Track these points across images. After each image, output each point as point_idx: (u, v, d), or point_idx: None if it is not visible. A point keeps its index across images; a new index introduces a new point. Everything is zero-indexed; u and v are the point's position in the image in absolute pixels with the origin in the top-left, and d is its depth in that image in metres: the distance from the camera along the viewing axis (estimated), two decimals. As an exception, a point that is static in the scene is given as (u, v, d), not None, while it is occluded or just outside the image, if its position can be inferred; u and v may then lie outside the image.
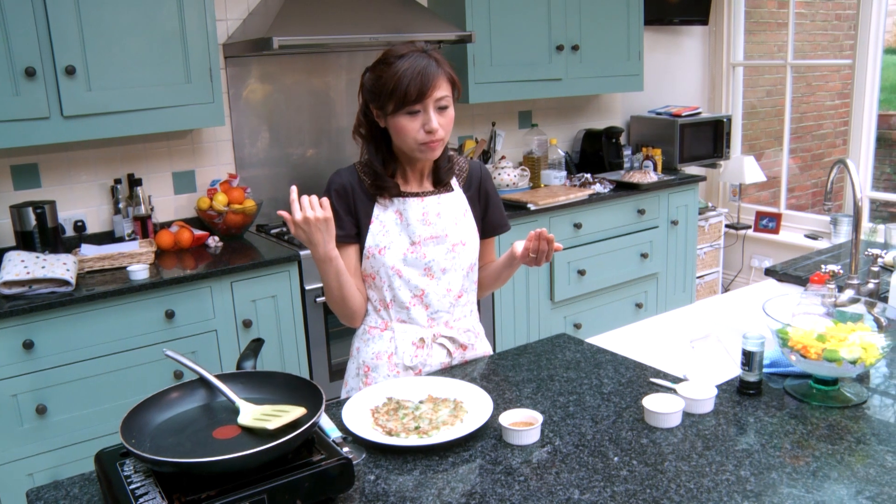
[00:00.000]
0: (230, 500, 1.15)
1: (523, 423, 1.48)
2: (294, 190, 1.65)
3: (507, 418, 1.49)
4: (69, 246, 2.92)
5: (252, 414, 1.32)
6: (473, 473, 1.36)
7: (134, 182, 3.06)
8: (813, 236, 4.60)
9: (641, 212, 4.01)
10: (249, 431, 1.29)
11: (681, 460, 1.37)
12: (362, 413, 1.57)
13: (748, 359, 1.61)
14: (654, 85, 4.70)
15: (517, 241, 1.82)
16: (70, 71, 2.63)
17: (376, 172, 1.77)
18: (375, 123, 1.75)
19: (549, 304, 3.80)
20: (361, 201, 1.78)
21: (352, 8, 3.19)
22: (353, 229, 1.79)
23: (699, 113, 4.49)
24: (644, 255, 4.05)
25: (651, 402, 1.52)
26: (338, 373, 3.16)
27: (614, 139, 4.32)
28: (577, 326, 3.91)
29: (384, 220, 1.79)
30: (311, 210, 1.60)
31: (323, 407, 1.28)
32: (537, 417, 1.49)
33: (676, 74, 4.84)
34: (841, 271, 1.79)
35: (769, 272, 2.48)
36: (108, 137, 2.81)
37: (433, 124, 1.68)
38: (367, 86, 1.72)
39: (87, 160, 3.05)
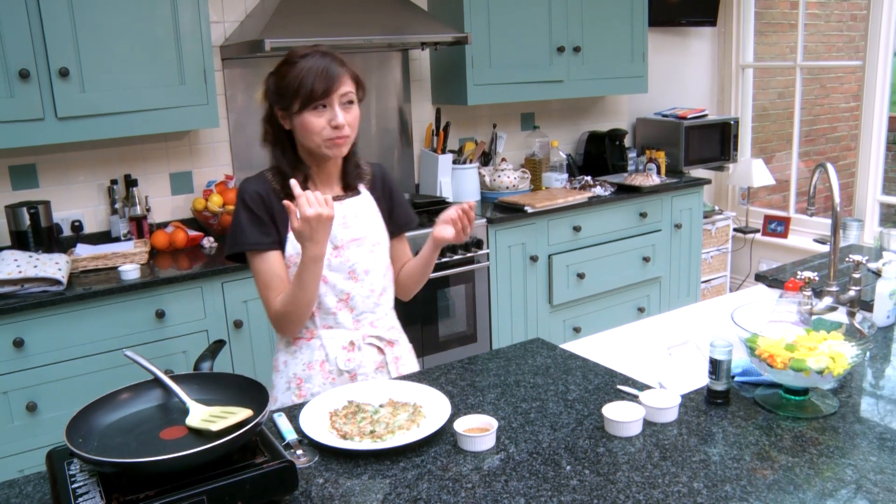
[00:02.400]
0: (168, 500, 1.15)
1: (479, 430, 1.47)
2: (295, 185, 1.62)
3: (463, 424, 1.48)
4: (65, 245, 2.96)
5: (200, 415, 1.33)
6: (422, 479, 1.35)
7: (130, 183, 3.08)
8: (822, 241, 4.52)
9: (643, 215, 3.96)
10: (196, 432, 1.30)
11: (634, 470, 1.35)
12: (321, 416, 1.57)
13: (715, 367, 1.58)
14: (661, 87, 4.65)
15: (437, 227, 1.81)
16: (64, 73, 2.66)
17: (287, 178, 1.71)
18: (281, 127, 1.73)
19: (548, 307, 3.78)
20: (278, 209, 1.74)
21: (346, 10, 3.19)
22: (277, 235, 1.75)
23: (706, 115, 4.43)
24: (646, 259, 4.01)
25: (611, 410, 1.50)
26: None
27: (618, 141, 4.28)
28: (577, 330, 3.88)
29: None
30: (320, 206, 1.59)
31: (266, 410, 1.28)
32: (492, 424, 1.47)
33: (684, 76, 4.79)
34: (817, 278, 1.75)
35: (759, 277, 2.44)
36: (104, 138, 2.84)
37: (339, 119, 1.68)
38: (271, 89, 1.71)
39: (84, 161, 3.08)
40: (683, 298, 4.25)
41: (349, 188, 1.84)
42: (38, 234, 2.79)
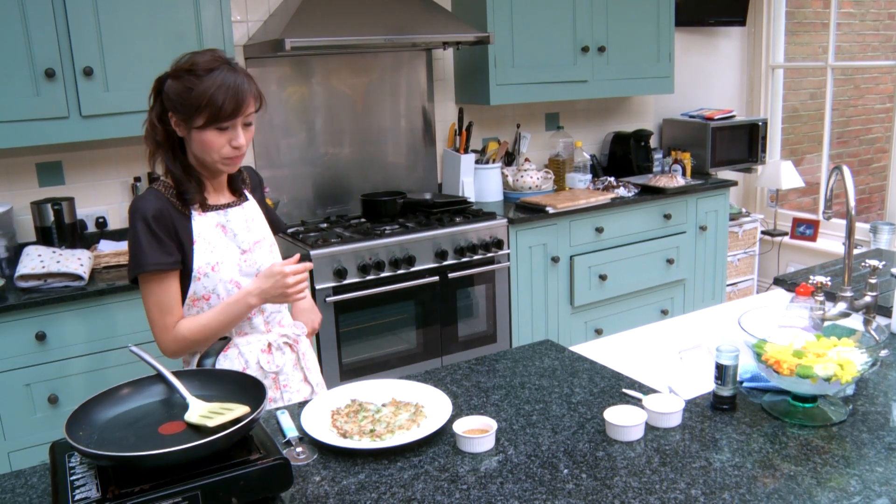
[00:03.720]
0: (163, 494, 1.17)
1: (478, 431, 1.46)
2: (304, 264, 1.74)
3: (462, 425, 1.47)
4: (89, 241, 3.01)
5: (199, 411, 1.34)
6: (418, 480, 1.35)
7: (153, 180, 3.12)
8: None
9: (667, 217, 3.92)
10: (194, 428, 1.31)
11: (632, 476, 1.33)
12: (323, 414, 1.58)
13: (721, 372, 1.56)
14: (689, 87, 4.60)
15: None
16: (88, 72, 2.71)
17: (178, 182, 1.70)
18: (172, 131, 1.68)
19: (570, 308, 3.75)
20: (179, 223, 1.70)
21: (367, 9, 3.20)
22: (178, 254, 1.70)
23: (733, 116, 4.37)
24: (670, 261, 3.96)
25: (612, 413, 1.49)
26: (348, 373, 3.18)
27: (643, 142, 4.23)
28: (599, 332, 3.85)
29: (207, 237, 1.74)
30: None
31: (262, 408, 1.29)
32: (492, 425, 1.47)
33: (712, 77, 4.72)
34: (829, 283, 1.71)
35: (778, 281, 2.39)
36: (125, 136, 2.88)
37: (241, 140, 1.67)
38: (171, 95, 1.64)
39: (108, 158, 3.14)
40: (708, 301, 4.19)
41: (236, 192, 1.85)
42: (61, 230, 2.85)
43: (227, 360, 1.80)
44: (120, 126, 2.81)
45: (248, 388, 1.40)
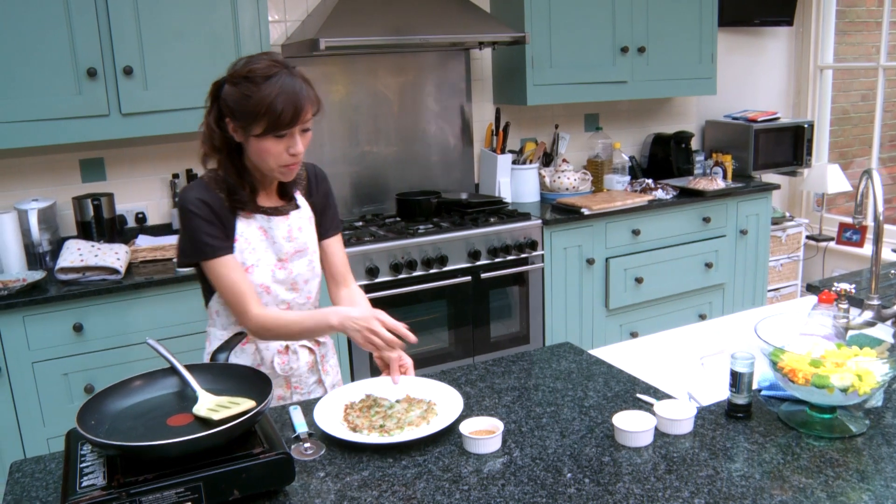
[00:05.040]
0: (165, 484, 1.20)
1: (485, 432, 1.46)
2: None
3: (469, 426, 1.47)
4: (128, 236, 3.10)
5: (207, 404, 1.37)
6: (421, 479, 1.35)
7: (191, 177, 3.20)
8: (903, 251, 4.28)
9: (707, 220, 3.85)
10: (202, 420, 1.34)
11: (636, 482, 1.32)
12: (336, 408, 1.60)
13: (736, 380, 1.53)
14: (734, 89, 4.50)
15: (378, 361, 1.79)
16: (128, 71, 2.78)
17: (232, 187, 1.70)
18: (230, 136, 1.67)
19: (605, 311, 3.71)
20: (224, 216, 1.71)
21: (403, 9, 3.22)
22: (229, 241, 1.73)
23: (777, 118, 4.26)
24: (708, 265, 3.89)
25: (621, 419, 1.47)
26: (378, 371, 3.19)
27: (684, 144, 4.16)
28: (634, 335, 3.80)
29: (249, 238, 1.75)
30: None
31: (265, 403, 1.31)
32: (499, 426, 1.46)
33: (758, 78, 4.61)
34: (853, 290, 1.66)
35: (811, 287, 2.33)
36: (163, 134, 2.95)
37: (299, 147, 1.66)
38: (228, 101, 1.62)
39: (148, 155, 3.22)
40: (748, 307, 4.10)
41: (285, 196, 1.82)
42: (100, 224, 2.93)
43: (244, 355, 1.83)
44: (158, 124, 2.88)
45: (256, 384, 1.43)
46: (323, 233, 1.90)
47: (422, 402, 1.61)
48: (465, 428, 1.46)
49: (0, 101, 2.63)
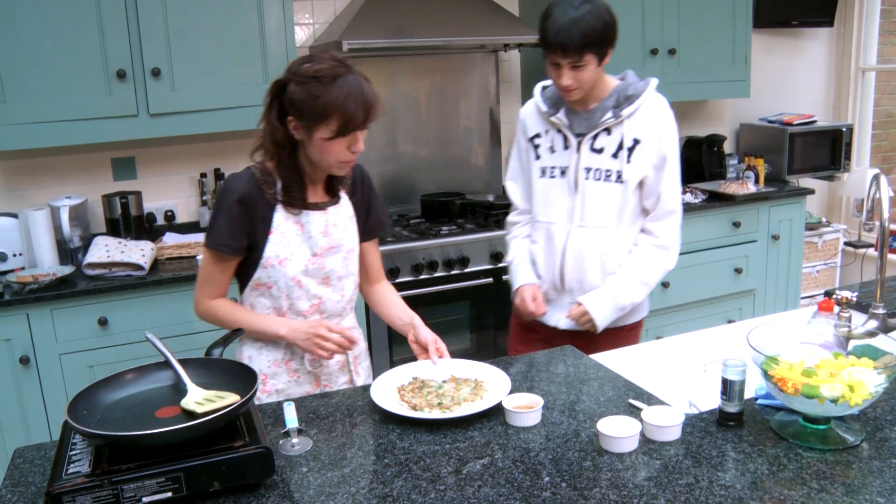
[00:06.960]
0: (147, 473, 1.24)
1: (526, 407, 1.56)
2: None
3: (511, 401, 1.57)
4: (156, 234, 3.18)
5: (195, 397, 1.41)
6: (399, 477, 1.37)
7: (219, 176, 3.27)
8: (946, 260, 4.14)
9: (737, 224, 3.78)
10: (188, 413, 1.38)
11: (613, 488, 1.31)
12: (390, 391, 1.68)
13: (727, 387, 1.50)
14: (771, 92, 4.41)
15: (413, 345, 1.89)
16: (156, 72, 2.86)
17: (286, 183, 1.73)
18: (291, 133, 1.68)
19: (629, 315, 3.67)
20: (261, 209, 1.74)
21: (428, 11, 3.24)
22: (245, 242, 1.75)
23: (814, 121, 4.16)
24: (738, 270, 3.82)
25: (606, 424, 1.46)
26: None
27: (716, 147, 4.10)
28: (659, 339, 3.74)
29: (285, 231, 1.76)
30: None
31: (247, 398, 1.34)
32: (538, 401, 1.56)
33: (796, 80, 4.51)
34: (854, 298, 1.62)
35: (828, 294, 2.28)
36: (192, 134, 3.03)
37: (361, 146, 1.68)
38: (294, 101, 1.63)
39: (177, 155, 3.31)
40: (780, 313, 4.01)
41: (330, 192, 1.83)
42: (128, 221, 3.02)
43: (276, 349, 1.85)
44: (185, 124, 2.96)
45: (244, 378, 1.46)
46: (365, 234, 1.93)
47: (469, 381, 1.71)
48: (508, 403, 1.57)
49: (36, 101, 2.74)
